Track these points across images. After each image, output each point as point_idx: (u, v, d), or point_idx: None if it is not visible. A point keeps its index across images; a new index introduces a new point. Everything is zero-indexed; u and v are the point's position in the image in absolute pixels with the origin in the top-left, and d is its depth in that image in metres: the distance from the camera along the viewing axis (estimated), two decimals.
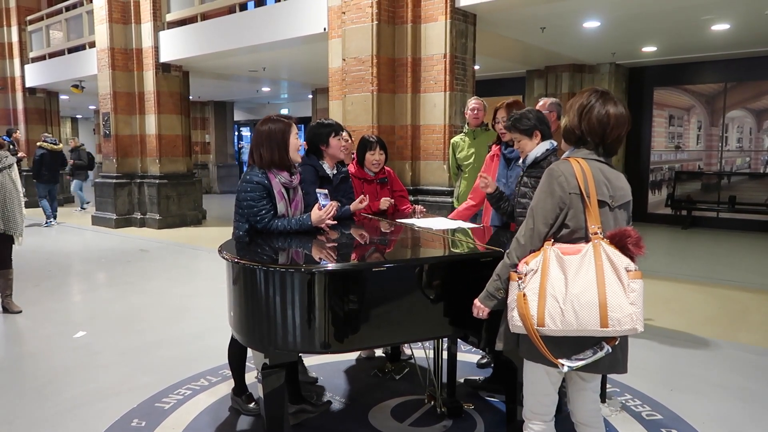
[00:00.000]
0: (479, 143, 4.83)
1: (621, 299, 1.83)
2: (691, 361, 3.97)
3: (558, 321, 1.87)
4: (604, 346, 1.89)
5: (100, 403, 3.30)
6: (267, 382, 2.43)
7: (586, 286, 1.85)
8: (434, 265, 2.50)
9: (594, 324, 1.84)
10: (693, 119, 10.46)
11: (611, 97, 2.04)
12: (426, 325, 2.44)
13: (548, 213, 1.98)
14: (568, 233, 1.98)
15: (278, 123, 2.88)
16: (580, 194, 1.94)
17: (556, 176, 1.98)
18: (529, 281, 1.94)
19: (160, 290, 6.05)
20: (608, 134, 2.01)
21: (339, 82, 7.05)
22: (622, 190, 2.03)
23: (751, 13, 6.92)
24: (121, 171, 10.73)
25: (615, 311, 1.82)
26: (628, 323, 1.82)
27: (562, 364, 1.91)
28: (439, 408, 3.08)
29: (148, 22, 10.15)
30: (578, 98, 2.07)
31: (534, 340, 1.92)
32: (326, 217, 2.89)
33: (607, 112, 2.00)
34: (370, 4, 6.44)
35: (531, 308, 1.91)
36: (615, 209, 2.00)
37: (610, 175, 2.01)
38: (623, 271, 1.85)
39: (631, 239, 1.89)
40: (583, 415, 2.16)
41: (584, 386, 2.12)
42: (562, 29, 7.82)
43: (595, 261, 1.87)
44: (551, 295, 1.88)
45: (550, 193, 1.98)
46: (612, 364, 1.98)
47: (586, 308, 1.84)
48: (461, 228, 3.30)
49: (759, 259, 7.56)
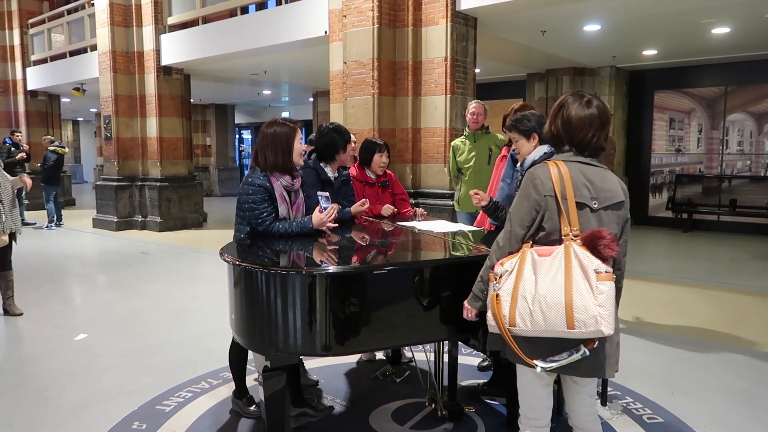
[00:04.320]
0: (479, 146, 4.85)
1: (587, 301, 1.82)
2: (692, 364, 3.96)
3: (528, 321, 1.89)
4: (581, 348, 1.89)
5: (101, 406, 3.30)
6: (268, 384, 2.43)
7: (554, 287, 1.86)
8: (435, 267, 2.50)
9: (561, 325, 1.84)
10: (693, 122, 10.46)
11: (583, 98, 2.04)
12: (427, 327, 2.44)
13: (524, 216, 2.01)
14: (545, 235, 1.99)
15: (284, 127, 2.89)
16: (555, 196, 1.95)
17: (531, 179, 2.01)
18: (504, 282, 1.97)
19: (160, 293, 6.06)
20: (574, 136, 2.02)
21: (340, 85, 7.06)
22: (609, 191, 2.00)
23: (752, 16, 6.93)
24: (122, 174, 10.74)
25: (580, 313, 1.82)
26: (593, 325, 1.81)
27: (536, 365, 1.92)
28: (440, 411, 3.08)
29: (149, 25, 10.18)
30: (557, 101, 2.11)
31: (507, 340, 1.95)
32: (327, 219, 2.89)
33: (569, 115, 2.01)
34: (371, 8, 6.45)
35: (503, 308, 1.94)
36: (599, 211, 1.98)
37: (593, 177, 1.99)
38: (592, 273, 1.85)
39: (603, 240, 1.87)
40: (578, 418, 2.15)
41: (578, 390, 2.11)
42: (563, 32, 7.84)
43: (564, 262, 1.88)
44: (522, 295, 1.91)
45: (526, 196, 2.01)
46: (594, 368, 1.96)
47: (553, 309, 1.85)
48: (462, 231, 3.30)
49: (760, 262, 7.56)
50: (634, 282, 5.01)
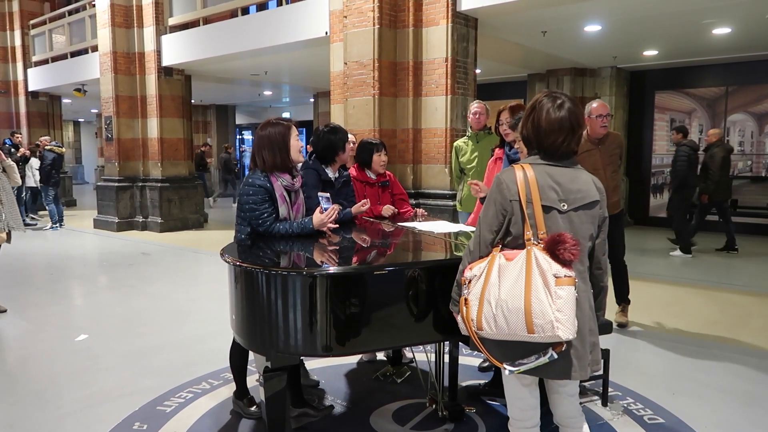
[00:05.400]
0: (482, 146, 4.84)
1: (544, 306, 1.82)
2: (693, 364, 3.96)
3: (492, 325, 1.91)
4: (549, 351, 1.89)
5: (102, 407, 3.30)
6: (269, 385, 2.43)
7: (514, 292, 1.87)
8: (435, 268, 2.50)
9: (522, 329, 1.85)
10: (694, 123, 10.45)
11: (555, 101, 2.00)
12: (427, 328, 2.44)
13: (491, 220, 2.02)
14: (512, 240, 2.00)
15: (278, 126, 2.90)
16: (519, 201, 1.95)
17: (498, 183, 2.02)
18: (473, 286, 1.98)
19: (161, 293, 6.06)
20: (543, 140, 2.00)
21: (340, 86, 7.06)
22: (579, 192, 1.97)
23: (752, 16, 6.93)
24: (123, 174, 10.75)
25: (538, 317, 1.82)
26: (550, 330, 1.81)
27: (505, 367, 1.94)
28: (441, 411, 3.08)
29: (150, 26, 10.19)
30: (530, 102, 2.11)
31: (476, 343, 1.99)
32: (328, 220, 2.90)
33: (540, 118, 2.00)
34: (371, 8, 6.46)
35: (471, 312, 1.96)
36: (568, 213, 1.96)
37: (562, 179, 1.97)
38: (551, 278, 1.84)
39: (563, 245, 1.85)
40: (560, 417, 2.19)
41: (558, 390, 2.13)
42: (564, 33, 7.84)
43: (525, 267, 1.88)
44: (487, 300, 1.92)
45: (493, 201, 2.02)
46: (564, 370, 1.95)
47: (513, 313, 1.85)
48: (462, 231, 3.30)
49: (761, 263, 7.55)
50: (635, 283, 5.00)
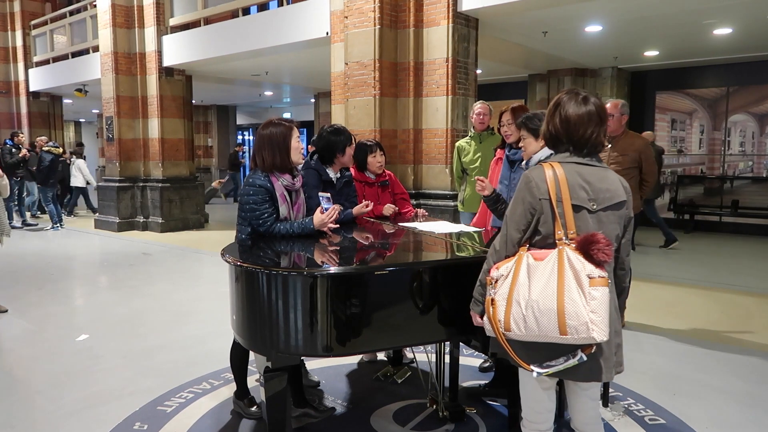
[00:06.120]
0: (485, 147, 4.83)
1: (579, 307, 1.79)
2: (694, 365, 3.95)
3: (521, 326, 1.87)
4: (578, 353, 1.86)
5: (103, 407, 3.30)
6: (269, 385, 2.43)
7: (547, 293, 1.83)
8: (436, 268, 2.50)
9: (554, 331, 1.81)
10: (695, 123, 10.45)
11: (579, 96, 2.01)
12: (428, 328, 2.44)
13: (519, 219, 1.98)
14: (541, 239, 1.97)
15: (279, 126, 2.90)
16: (549, 199, 1.93)
17: (527, 182, 1.98)
18: (500, 286, 1.94)
19: (162, 294, 6.06)
20: (573, 134, 1.98)
21: (341, 86, 7.07)
22: (608, 191, 1.95)
23: (753, 17, 6.93)
24: (124, 175, 10.76)
25: (572, 319, 1.79)
26: (585, 332, 1.78)
27: (532, 369, 1.90)
28: (441, 412, 3.08)
29: (151, 26, 10.20)
30: (551, 101, 2.09)
31: (503, 344, 1.94)
32: (328, 220, 2.89)
33: (567, 113, 1.98)
34: (372, 9, 6.46)
35: (499, 313, 1.92)
36: (598, 212, 1.94)
37: (591, 177, 1.95)
38: (585, 278, 1.81)
39: (596, 245, 1.82)
40: (580, 421, 2.14)
41: (581, 393, 2.09)
42: (564, 33, 7.84)
43: (557, 267, 1.85)
44: (516, 300, 1.88)
45: (521, 199, 1.99)
46: (592, 372, 1.93)
47: (545, 315, 1.82)
48: (463, 231, 3.30)
49: (762, 263, 7.54)
50: (636, 283, 4.97)
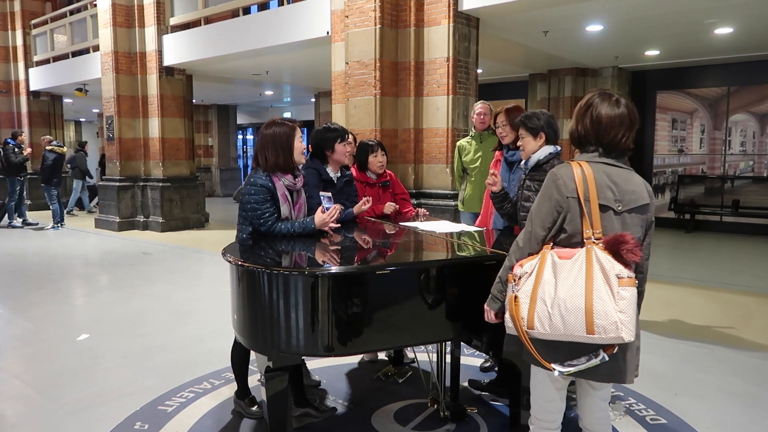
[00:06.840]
0: (486, 146, 4.82)
1: (608, 306, 1.78)
2: (695, 365, 3.95)
3: (546, 324, 1.85)
4: (600, 353, 1.85)
5: (103, 407, 3.30)
6: (270, 385, 2.43)
7: (574, 291, 1.82)
8: (437, 268, 2.50)
9: (580, 330, 1.80)
10: (696, 123, 10.44)
11: (611, 98, 2.00)
12: (429, 328, 2.44)
13: (545, 217, 1.97)
14: (566, 237, 1.95)
15: (283, 126, 2.89)
16: (577, 198, 1.92)
17: (554, 180, 1.97)
18: (523, 284, 1.93)
19: (162, 293, 6.06)
20: (603, 135, 1.97)
21: (342, 86, 7.06)
22: (634, 193, 1.94)
23: (754, 16, 6.92)
24: (125, 174, 10.76)
25: (600, 318, 1.78)
26: (613, 331, 1.77)
27: (554, 368, 1.89)
28: (442, 412, 3.07)
29: (151, 25, 10.20)
30: (581, 100, 2.07)
31: (525, 342, 1.92)
32: (329, 220, 2.89)
33: (599, 114, 1.97)
34: (373, 8, 6.45)
35: (522, 310, 1.90)
36: (623, 213, 1.93)
37: (618, 179, 1.95)
38: (614, 278, 1.80)
39: (626, 245, 1.82)
40: (590, 421, 2.13)
41: (593, 393, 2.09)
42: (565, 33, 7.83)
43: (586, 266, 1.84)
44: (541, 298, 1.87)
45: (548, 197, 1.97)
46: (612, 373, 1.93)
47: (572, 313, 1.81)
48: (465, 231, 3.30)
49: (763, 263, 7.54)
50: None
